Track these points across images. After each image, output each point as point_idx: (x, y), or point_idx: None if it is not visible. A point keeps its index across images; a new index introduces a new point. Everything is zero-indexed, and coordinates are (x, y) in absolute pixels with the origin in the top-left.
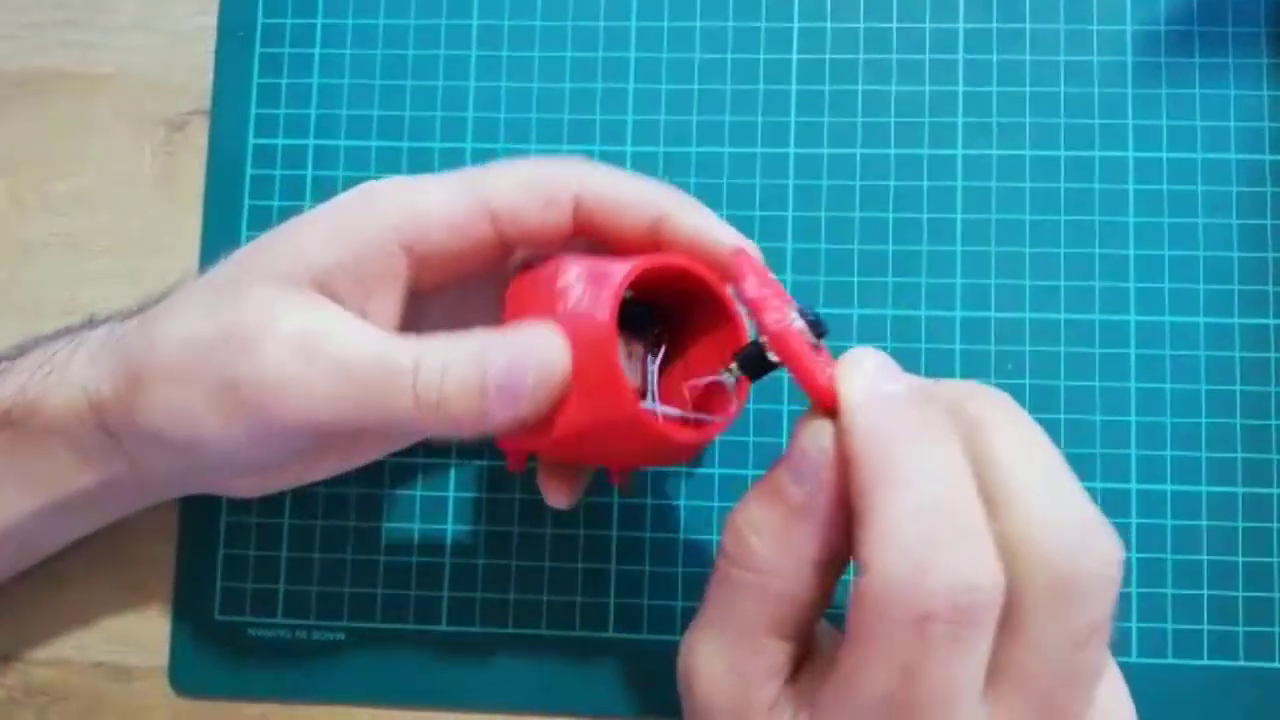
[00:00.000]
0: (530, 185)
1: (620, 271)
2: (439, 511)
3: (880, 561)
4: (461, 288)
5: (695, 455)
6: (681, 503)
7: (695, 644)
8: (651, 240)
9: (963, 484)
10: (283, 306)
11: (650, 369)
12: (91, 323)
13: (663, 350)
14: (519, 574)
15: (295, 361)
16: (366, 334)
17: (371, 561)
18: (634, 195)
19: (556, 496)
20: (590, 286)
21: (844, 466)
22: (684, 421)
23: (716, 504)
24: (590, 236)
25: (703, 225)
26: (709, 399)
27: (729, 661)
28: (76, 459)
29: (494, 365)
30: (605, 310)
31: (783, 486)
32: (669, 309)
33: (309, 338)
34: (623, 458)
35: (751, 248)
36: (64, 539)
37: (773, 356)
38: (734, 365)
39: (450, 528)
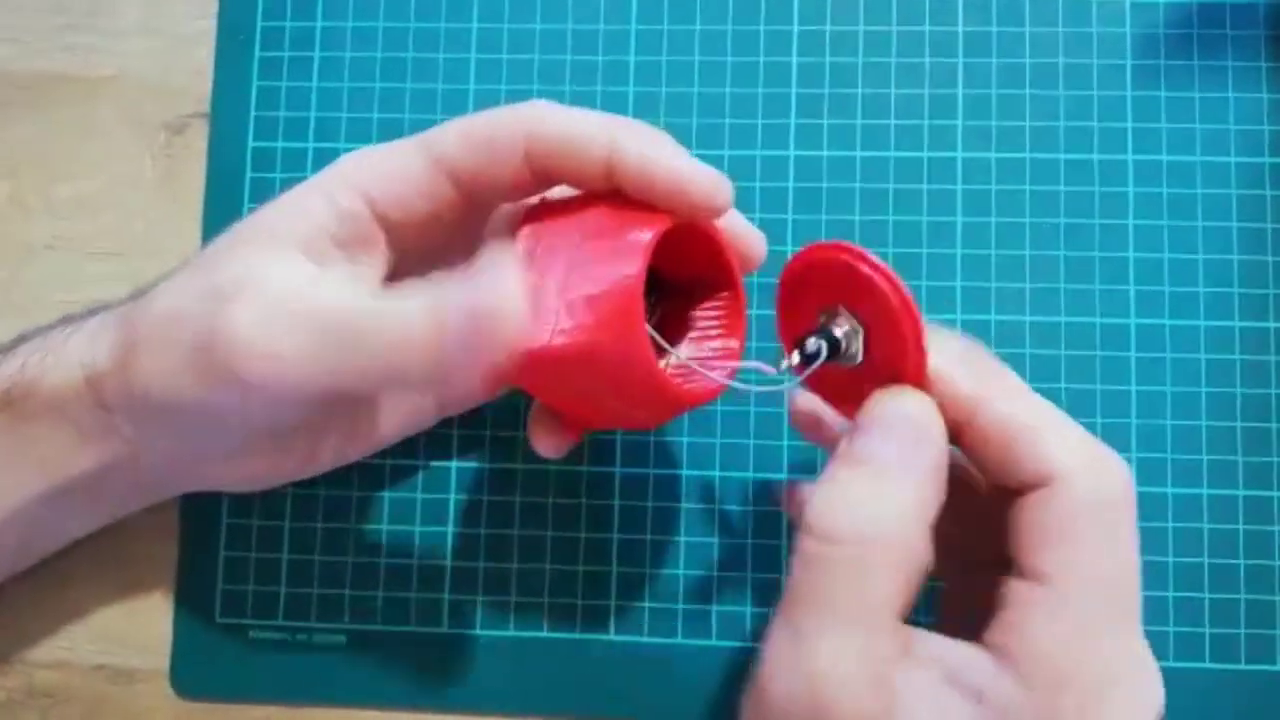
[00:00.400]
0: (473, 138)
1: (646, 233)
2: (440, 514)
3: (1070, 462)
4: (448, 250)
5: (667, 420)
6: (683, 505)
7: (809, 648)
8: (608, 178)
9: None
10: (263, 267)
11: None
12: (92, 310)
13: (659, 312)
14: (520, 576)
15: (265, 318)
16: (340, 290)
17: (372, 564)
18: (583, 133)
19: (545, 444)
20: (602, 241)
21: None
22: (685, 375)
23: (718, 507)
24: (554, 181)
25: (651, 154)
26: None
27: (861, 652)
28: (75, 439)
29: (452, 312)
30: (634, 266)
31: (870, 451)
32: (662, 271)
33: (283, 294)
34: (609, 408)
35: (717, 181)
36: (65, 533)
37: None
38: (796, 353)
39: (451, 530)
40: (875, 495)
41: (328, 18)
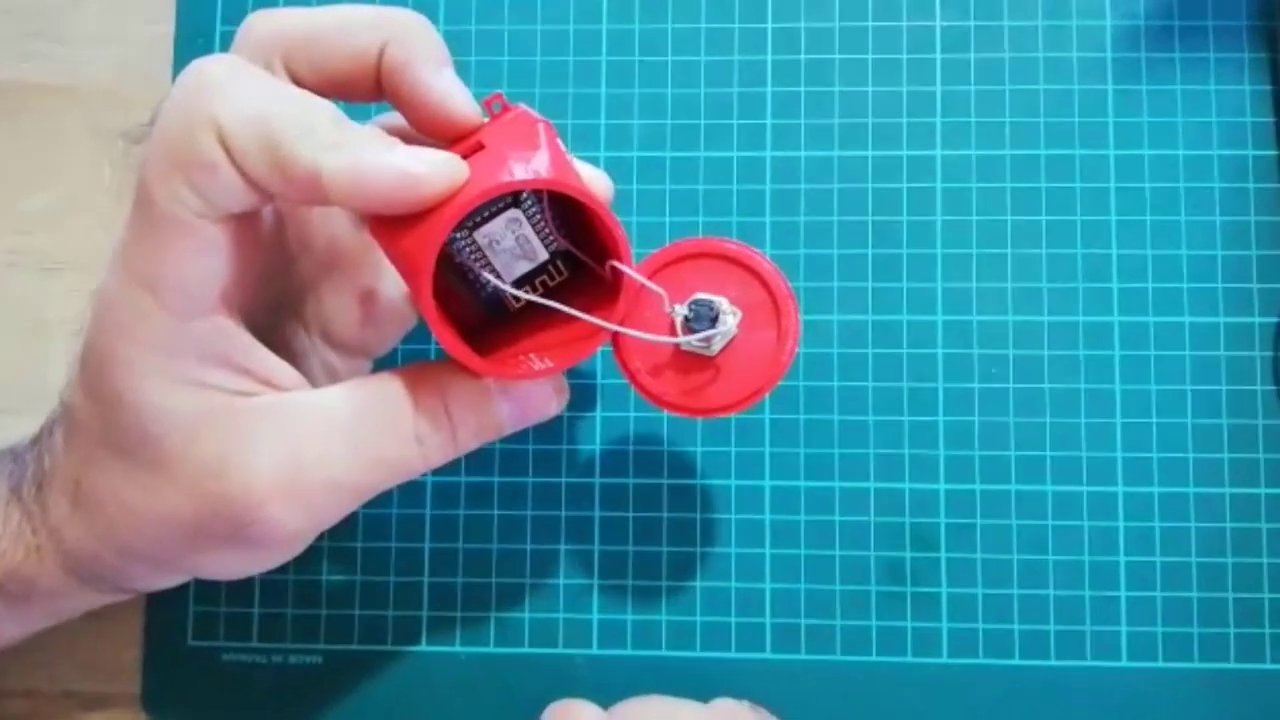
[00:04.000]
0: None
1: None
2: (416, 529)
3: None
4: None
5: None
6: (664, 515)
7: None
8: (372, 80)
9: None
10: (232, 461)
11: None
12: (15, 458)
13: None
14: (499, 591)
15: (301, 509)
16: (334, 439)
17: (348, 582)
18: (347, 21)
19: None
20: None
21: None
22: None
23: (699, 515)
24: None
25: (433, 82)
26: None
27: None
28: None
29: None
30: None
31: None
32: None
33: (295, 485)
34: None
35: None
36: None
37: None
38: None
39: (428, 546)
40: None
41: None
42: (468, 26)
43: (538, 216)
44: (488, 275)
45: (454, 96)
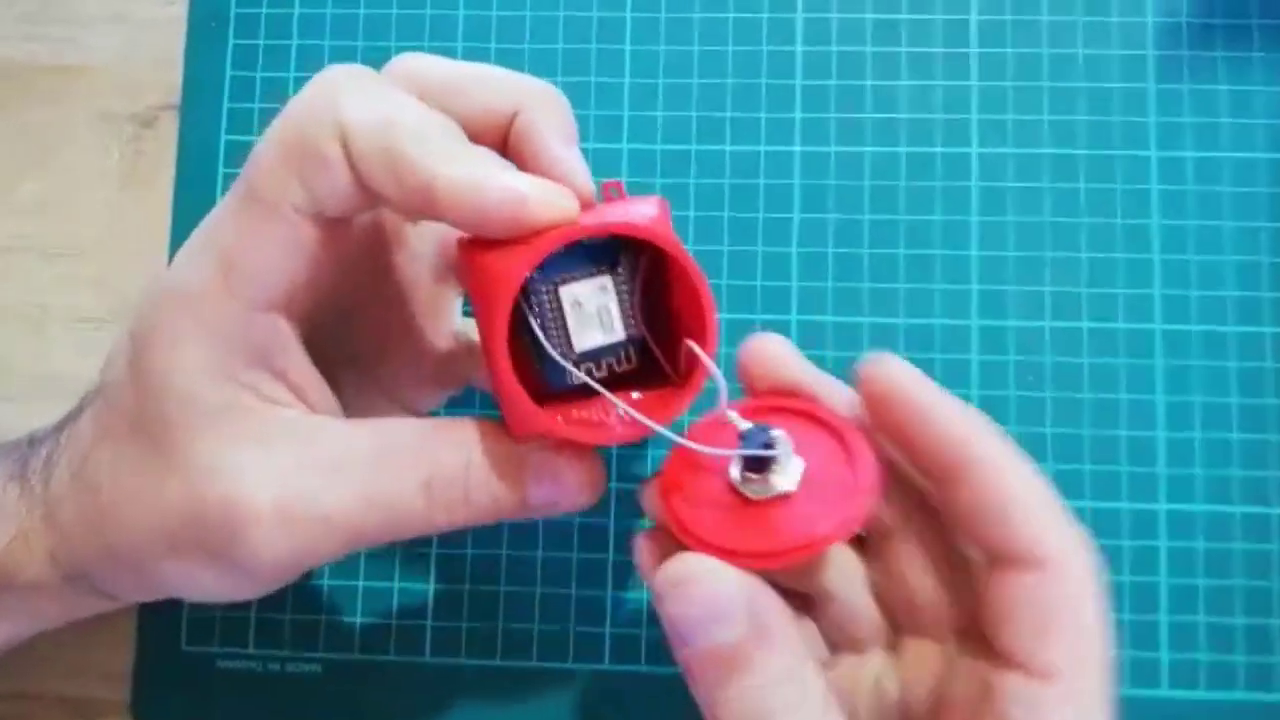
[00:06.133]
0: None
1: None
2: None
3: (1067, 546)
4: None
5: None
6: None
7: None
8: (500, 138)
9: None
10: (237, 466)
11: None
12: (31, 442)
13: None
14: (508, 601)
15: (288, 538)
16: (343, 472)
17: (349, 588)
18: (485, 77)
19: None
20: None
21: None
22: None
23: None
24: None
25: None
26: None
27: None
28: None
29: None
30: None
31: (710, 649)
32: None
33: (291, 510)
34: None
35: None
36: None
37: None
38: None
39: (434, 551)
40: (759, 690)
41: (305, 4)
42: (488, 11)
43: (626, 293)
44: (550, 346)
45: (576, 172)
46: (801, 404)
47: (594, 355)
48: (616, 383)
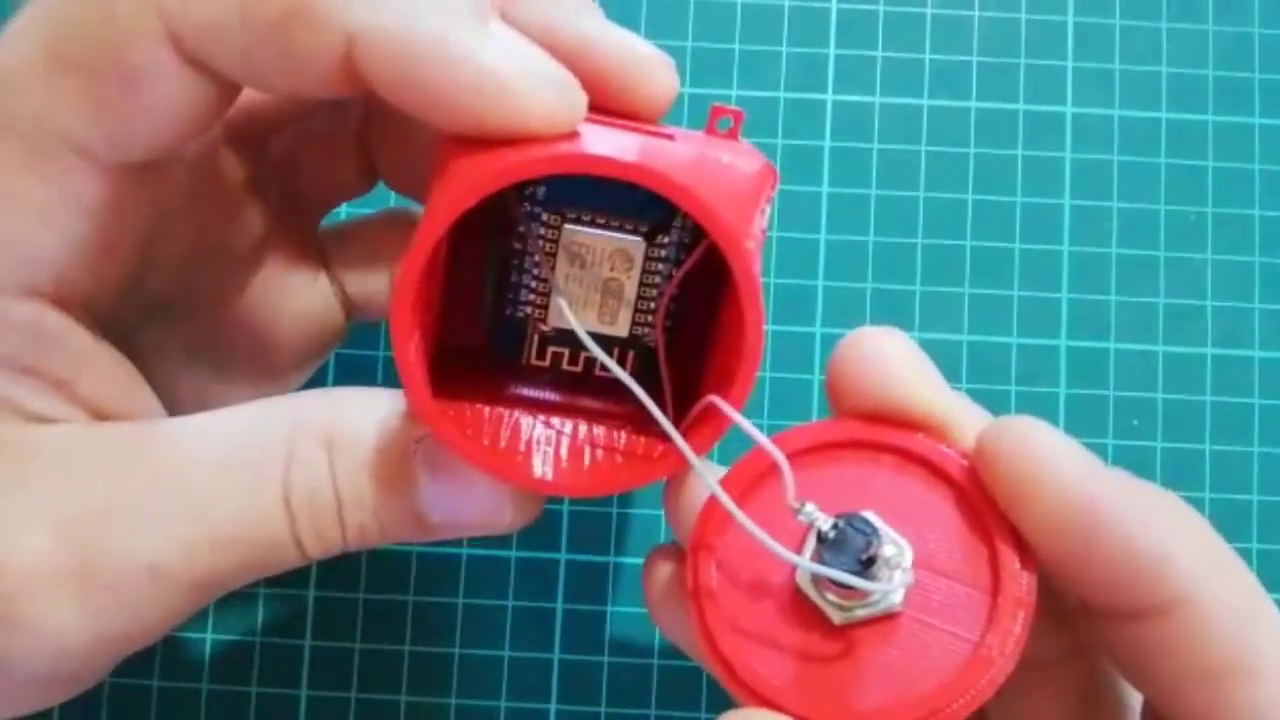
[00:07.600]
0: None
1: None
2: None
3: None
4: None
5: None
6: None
7: None
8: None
9: None
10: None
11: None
12: None
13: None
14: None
15: (85, 606)
16: (169, 498)
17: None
18: None
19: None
20: None
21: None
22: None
23: None
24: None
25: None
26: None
27: None
28: None
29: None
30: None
31: None
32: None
33: (84, 565)
34: None
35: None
36: None
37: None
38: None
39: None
40: None
41: None
42: None
43: (659, 275)
44: (526, 299)
45: (598, 42)
46: (918, 444)
47: (570, 341)
48: (577, 390)
